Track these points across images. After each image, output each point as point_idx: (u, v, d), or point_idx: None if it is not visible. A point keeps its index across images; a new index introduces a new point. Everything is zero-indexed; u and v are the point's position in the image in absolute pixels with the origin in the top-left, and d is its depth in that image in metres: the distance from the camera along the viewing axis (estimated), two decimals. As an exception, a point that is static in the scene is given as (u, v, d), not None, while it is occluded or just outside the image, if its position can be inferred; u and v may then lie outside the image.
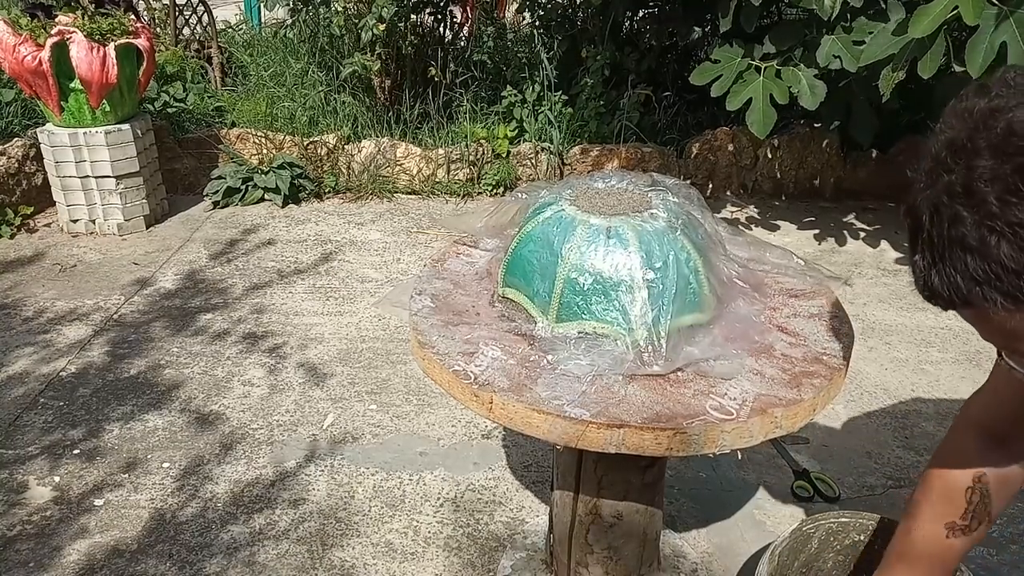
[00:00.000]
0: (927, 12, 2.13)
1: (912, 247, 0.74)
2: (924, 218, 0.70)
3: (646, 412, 1.01)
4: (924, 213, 0.70)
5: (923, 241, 0.71)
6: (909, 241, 0.74)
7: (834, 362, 1.14)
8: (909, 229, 0.74)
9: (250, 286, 2.88)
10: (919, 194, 0.71)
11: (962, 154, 0.67)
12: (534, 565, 1.60)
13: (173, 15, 4.49)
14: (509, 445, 2.03)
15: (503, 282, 1.26)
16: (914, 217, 0.72)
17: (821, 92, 2.67)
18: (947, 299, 0.70)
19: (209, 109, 4.07)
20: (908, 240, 0.75)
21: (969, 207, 0.65)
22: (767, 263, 1.39)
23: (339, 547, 1.70)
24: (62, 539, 1.72)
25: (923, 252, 0.71)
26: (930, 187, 0.70)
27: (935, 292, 0.71)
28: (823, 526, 1.28)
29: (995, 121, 0.65)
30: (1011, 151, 0.64)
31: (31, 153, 3.41)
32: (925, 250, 0.71)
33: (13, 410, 2.16)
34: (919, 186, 0.72)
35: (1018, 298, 0.66)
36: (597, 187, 1.28)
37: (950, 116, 0.71)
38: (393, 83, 4.09)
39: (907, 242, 0.75)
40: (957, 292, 0.69)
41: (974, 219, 0.65)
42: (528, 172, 3.80)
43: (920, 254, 0.72)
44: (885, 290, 2.89)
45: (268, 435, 2.07)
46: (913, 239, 0.73)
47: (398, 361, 2.41)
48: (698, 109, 4.01)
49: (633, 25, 4.22)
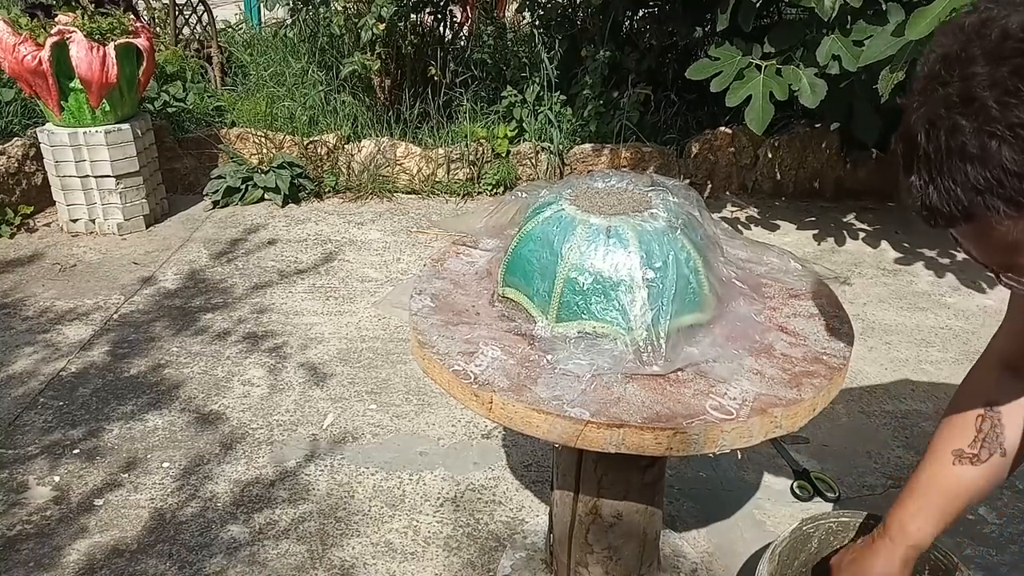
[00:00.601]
0: (925, 14, 2.13)
1: (907, 170, 0.73)
2: (919, 136, 0.69)
3: (646, 412, 1.01)
4: (919, 131, 0.69)
5: (919, 160, 0.70)
6: (903, 165, 0.73)
7: (834, 362, 1.14)
8: (903, 152, 0.73)
9: (250, 286, 2.88)
10: (912, 114, 0.71)
11: (956, 65, 0.67)
12: (534, 565, 1.60)
13: (173, 15, 4.49)
14: (509, 445, 2.03)
15: (503, 282, 1.26)
16: (908, 138, 0.71)
17: (821, 91, 2.67)
18: (947, 215, 0.69)
19: (209, 109, 4.07)
20: (902, 165, 0.74)
21: (968, 115, 0.65)
22: (766, 263, 1.39)
23: (339, 547, 1.70)
24: (62, 539, 1.72)
25: (919, 171, 0.70)
26: (924, 104, 0.69)
27: (934, 209, 0.70)
28: (823, 526, 1.28)
29: (988, 29, 0.65)
30: (1007, 54, 0.64)
31: (31, 153, 3.41)
32: (921, 168, 0.70)
33: (13, 410, 2.16)
34: (913, 107, 0.71)
35: (1021, 203, 0.65)
36: (597, 187, 1.28)
37: (940, 35, 0.71)
38: (393, 83, 4.09)
39: (902, 168, 0.74)
40: (957, 205, 0.68)
41: (973, 126, 0.65)
42: (528, 172, 3.80)
43: (916, 174, 0.71)
44: (885, 290, 2.89)
45: (268, 435, 2.07)
46: (908, 160, 0.72)
47: (398, 361, 2.41)
48: (698, 109, 4.00)
49: (633, 25, 4.22)
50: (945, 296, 2.83)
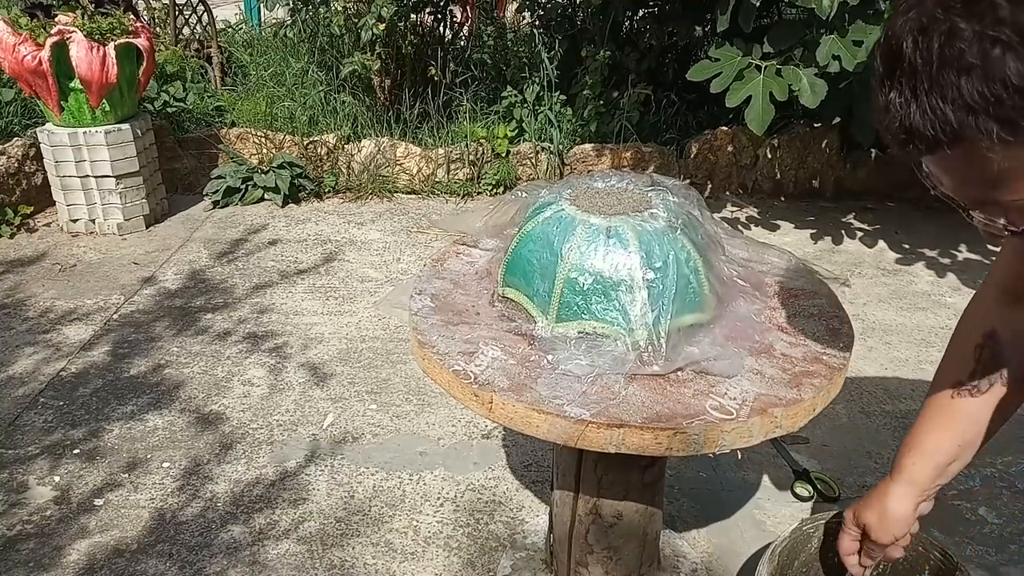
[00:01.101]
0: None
1: (885, 85, 0.63)
2: (905, 44, 0.60)
3: (646, 412, 1.01)
4: (906, 38, 0.60)
5: (901, 72, 0.61)
6: (880, 81, 0.64)
7: (834, 362, 1.14)
8: (883, 64, 0.63)
9: (250, 286, 2.88)
10: (899, 19, 0.61)
11: None
12: (534, 565, 1.60)
13: (173, 15, 4.49)
14: (509, 445, 2.03)
15: (503, 282, 1.26)
16: (891, 47, 0.62)
17: (822, 90, 2.67)
18: (930, 138, 0.61)
19: (209, 109, 4.07)
20: (879, 80, 0.64)
21: (970, 16, 0.56)
22: (766, 263, 1.39)
23: (339, 547, 1.70)
24: (62, 539, 1.72)
25: (899, 86, 0.61)
26: (916, 7, 0.60)
27: (914, 131, 0.61)
28: (823, 526, 1.28)
29: None
30: None
31: (31, 153, 3.42)
32: (903, 83, 0.61)
33: (13, 410, 2.16)
34: (900, 10, 0.62)
35: (1017, 125, 0.57)
36: (597, 187, 1.28)
37: None
38: (393, 83, 4.09)
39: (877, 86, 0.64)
40: (944, 126, 0.59)
41: (975, 30, 0.56)
42: (528, 172, 3.80)
43: (896, 90, 0.61)
44: (885, 290, 2.89)
45: (268, 435, 2.07)
46: (888, 75, 0.63)
47: (398, 361, 2.41)
48: (698, 109, 4.01)
49: (633, 25, 4.22)
50: (945, 296, 2.83)
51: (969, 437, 1.02)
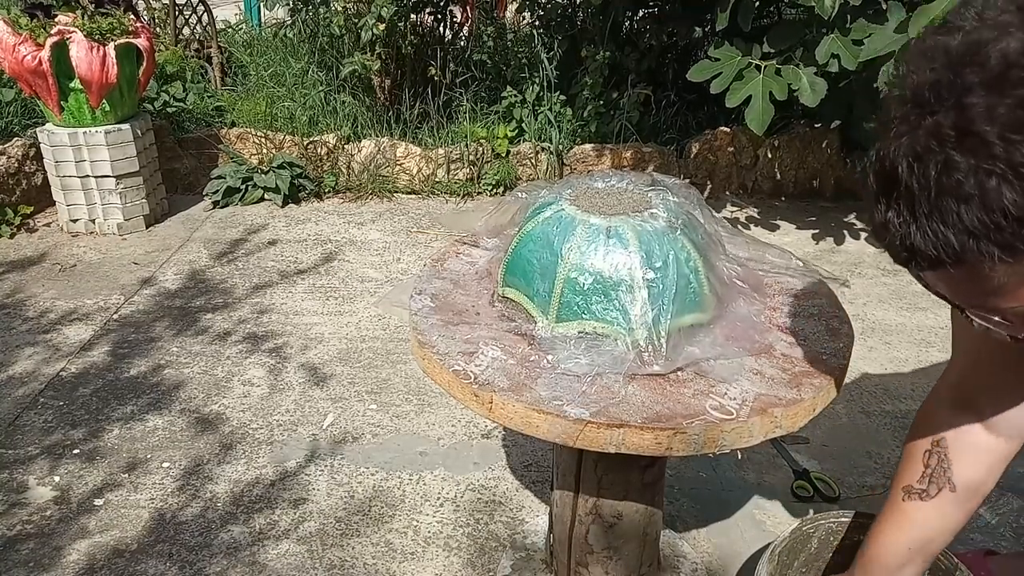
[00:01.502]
0: (927, 12, 2.13)
1: (881, 204, 0.65)
2: (900, 169, 0.62)
3: (646, 412, 1.01)
4: (900, 163, 0.62)
5: (899, 195, 0.63)
6: (876, 198, 0.66)
7: (834, 362, 1.14)
8: (878, 184, 0.65)
9: (250, 286, 2.88)
10: (892, 143, 0.63)
11: (949, 93, 0.59)
12: (534, 565, 1.60)
13: (173, 15, 4.49)
14: (509, 445, 2.03)
15: (503, 282, 1.26)
16: (885, 170, 0.64)
17: (822, 90, 2.67)
18: (933, 259, 0.63)
19: (209, 109, 4.07)
20: (874, 198, 0.66)
21: (964, 150, 0.58)
22: (766, 263, 1.39)
23: (339, 547, 1.70)
24: (62, 539, 1.72)
25: (897, 208, 0.63)
26: (907, 134, 0.62)
27: (916, 252, 0.63)
28: (823, 526, 1.28)
29: (983, 55, 0.58)
30: (1010, 84, 0.57)
31: (31, 153, 3.42)
32: (901, 206, 0.63)
33: (13, 410, 2.16)
34: (891, 134, 0.63)
35: (1017, 248, 0.59)
36: (597, 187, 1.28)
37: (915, 59, 0.64)
38: (393, 83, 4.09)
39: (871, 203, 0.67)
40: (946, 249, 0.61)
41: (970, 164, 0.58)
42: (528, 172, 3.80)
43: (894, 211, 0.64)
44: (885, 290, 2.89)
45: (268, 435, 2.07)
46: (884, 194, 0.65)
47: (398, 361, 2.41)
48: (698, 109, 4.01)
49: (633, 25, 4.22)
50: (945, 296, 2.83)
51: (919, 543, 1.03)
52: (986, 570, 1.28)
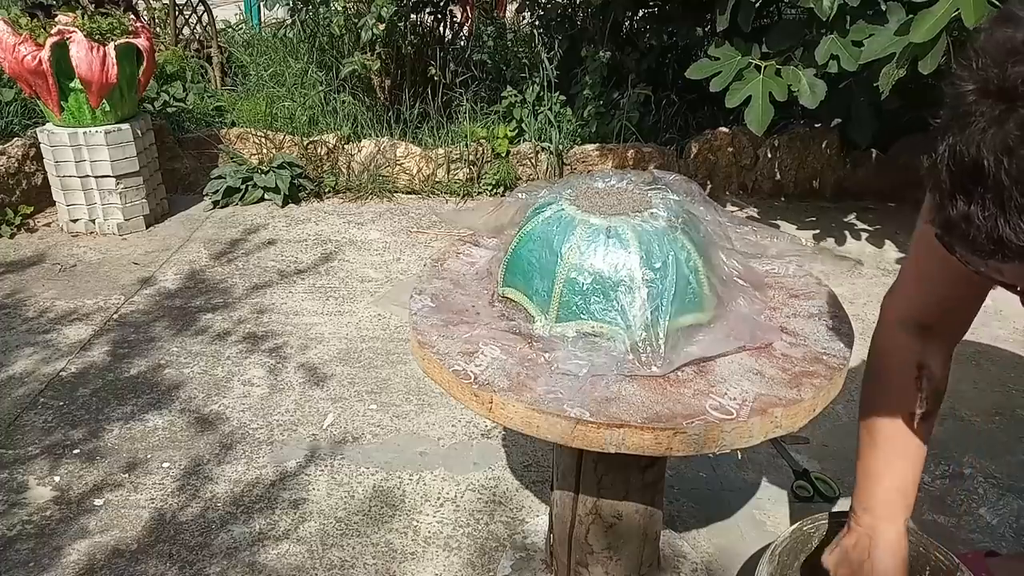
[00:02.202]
0: (928, 17, 2.13)
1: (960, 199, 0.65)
2: (987, 163, 0.61)
3: (646, 412, 1.01)
4: (987, 156, 0.61)
5: (985, 189, 0.62)
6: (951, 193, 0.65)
7: (834, 362, 1.14)
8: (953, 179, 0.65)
9: (250, 286, 2.88)
10: (974, 137, 0.62)
11: None
12: (534, 565, 1.60)
13: (173, 15, 4.49)
14: (509, 445, 2.03)
15: (503, 282, 1.26)
16: (965, 164, 0.63)
17: (821, 91, 2.67)
18: (1021, 248, 0.63)
19: (209, 109, 4.07)
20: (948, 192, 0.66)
21: None
22: (773, 251, 1.39)
23: (339, 547, 1.70)
24: (62, 539, 1.72)
25: (983, 202, 0.63)
26: (994, 125, 0.61)
27: (1004, 244, 0.63)
28: (823, 526, 1.28)
29: None
30: None
31: (31, 153, 3.42)
32: (987, 200, 0.63)
33: (13, 410, 2.16)
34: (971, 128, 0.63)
35: None
36: (597, 187, 1.28)
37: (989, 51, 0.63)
38: (393, 83, 4.09)
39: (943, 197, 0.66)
40: None
41: None
42: (528, 172, 3.80)
43: (979, 205, 0.63)
44: (885, 290, 2.88)
45: (268, 435, 2.07)
46: (962, 189, 0.64)
47: (398, 361, 2.41)
48: (698, 109, 4.01)
49: (633, 25, 4.22)
50: (945, 296, 2.83)
51: (922, 458, 1.14)
52: (986, 570, 1.28)
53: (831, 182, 3.81)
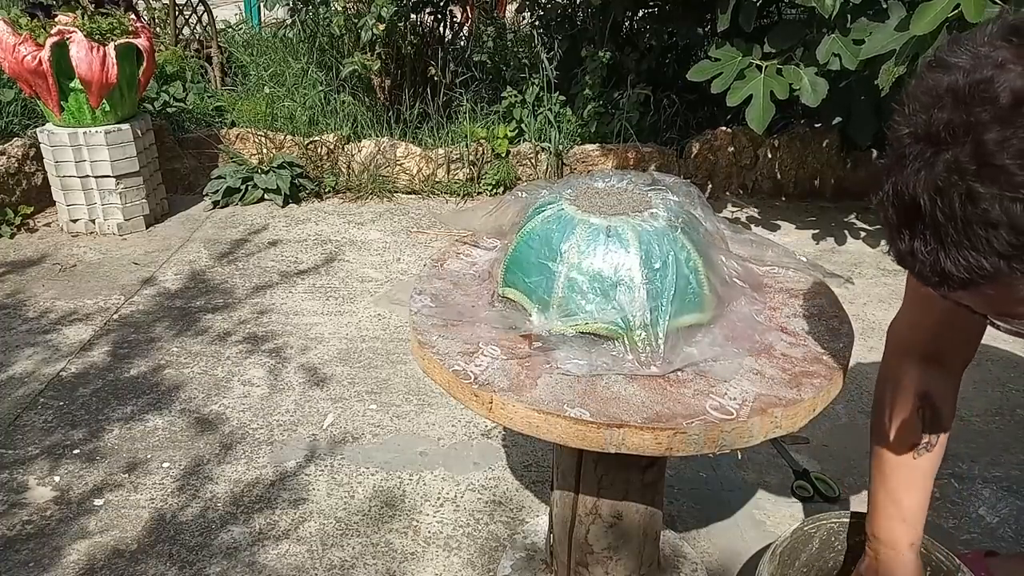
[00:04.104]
0: (928, 9, 2.13)
1: (904, 235, 0.69)
2: (922, 202, 0.66)
3: (646, 412, 1.01)
4: (922, 196, 0.66)
5: (924, 227, 0.67)
6: (898, 229, 0.70)
7: (834, 362, 1.14)
8: (898, 216, 0.70)
9: (250, 286, 2.88)
10: (909, 178, 0.67)
11: (964, 130, 0.64)
12: (534, 565, 1.60)
13: (173, 15, 4.49)
14: (509, 445, 2.03)
15: (503, 282, 1.26)
16: (905, 203, 0.68)
17: (823, 90, 2.67)
18: (964, 280, 0.67)
19: (209, 109, 4.07)
20: (895, 229, 0.70)
21: (986, 181, 0.62)
22: (769, 261, 1.39)
23: (339, 547, 1.70)
24: (62, 539, 1.72)
25: (924, 238, 0.68)
26: (924, 168, 0.66)
27: (947, 276, 0.68)
28: (823, 526, 1.28)
29: (991, 93, 0.63)
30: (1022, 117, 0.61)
31: (31, 153, 3.42)
32: (927, 236, 0.67)
33: (13, 410, 2.16)
34: (907, 170, 0.67)
35: None
36: (597, 186, 1.28)
37: (920, 98, 0.68)
38: (393, 83, 4.09)
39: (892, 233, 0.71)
40: (978, 271, 0.66)
41: (993, 193, 0.62)
42: (528, 172, 3.80)
43: (920, 240, 0.68)
44: (885, 290, 2.89)
45: (268, 435, 2.07)
46: (906, 226, 0.69)
47: (398, 361, 2.41)
48: (698, 109, 4.00)
49: (633, 25, 4.22)
50: (945, 296, 2.83)
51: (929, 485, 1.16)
52: (986, 570, 1.28)
53: (831, 182, 3.81)
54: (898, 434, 1.14)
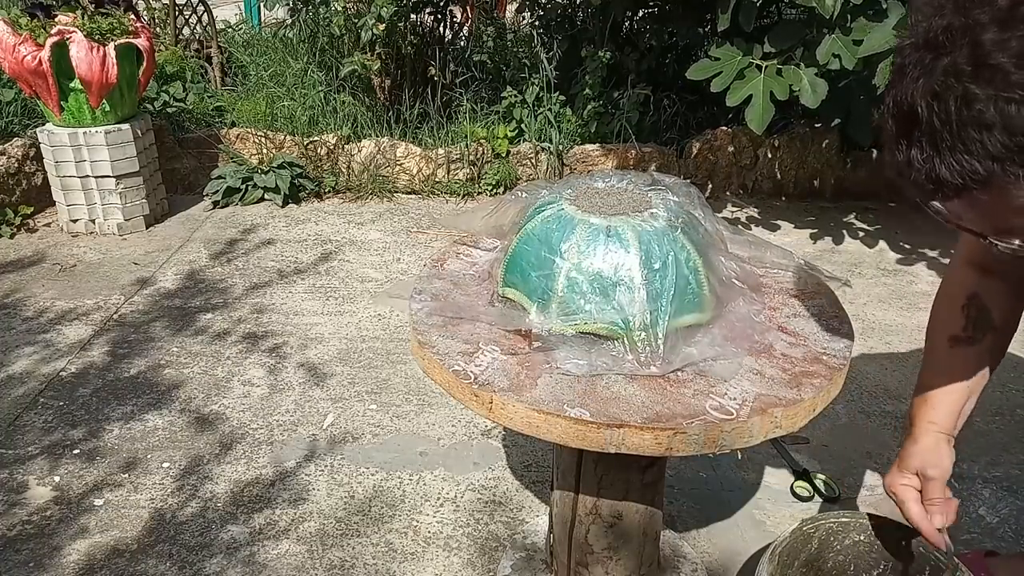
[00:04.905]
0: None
1: (903, 144, 0.70)
2: (919, 108, 0.66)
3: (646, 412, 1.01)
4: (919, 103, 0.66)
5: (920, 133, 0.67)
6: (896, 139, 0.70)
7: (834, 362, 1.14)
8: (898, 125, 0.70)
9: (250, 286, 2.88)
10: (908, 86, 0.68)
11: (961, 33, 0.64)
12: (534, 565, 1.60)
13: (173, 15, 4.49)
14: (509, 445, 2.03)
15: (503, 281, 1.26)
16: (904, 111, 0.68)
17: (822, 90, 2.67)
18: (959, 186, 0.67)
19: (209, 109, 4.07)
20: (894, 139, 0.71)
21: (982, 82, 0.62)
22: (767, 262, 1.39)
23: (339, 547, 1.70)
24: (62, 539, 1.72)
25: (919, 145, 0.68)
26: (924, 75, 0.66)
27: (943, 183, 0.68)
28: (823, 526, 1.28)
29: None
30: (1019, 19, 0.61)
31: (31, 153, 3.42)
32: (923, 142, 0.67)
33: (13, 410, 2.16)
34: (907, 79, 0.68)
35: None
36: (597, 186, 1.28)
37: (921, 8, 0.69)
38: (393, 83, 4.09)
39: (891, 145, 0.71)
40: (973, 176, 0.65)
41: (989, 93, 0.62)
42: (528, 172, 3.80)
43: (916, 148, 0.68)
44: (885, 290, 2.89)
45: (268, 435, 2.07)
46: (904, 134, 0.69)
47: (398, 361, 2.41)
48: (698, 109, 4.01)
49: (633, 25, 4.22)
50: (945, 296, 2.83)
51: (974, 379, 1.14)
52: (986, 570, 1.28)
53: (831, 182, 3.82)
54: (938, 327, 1.17)
